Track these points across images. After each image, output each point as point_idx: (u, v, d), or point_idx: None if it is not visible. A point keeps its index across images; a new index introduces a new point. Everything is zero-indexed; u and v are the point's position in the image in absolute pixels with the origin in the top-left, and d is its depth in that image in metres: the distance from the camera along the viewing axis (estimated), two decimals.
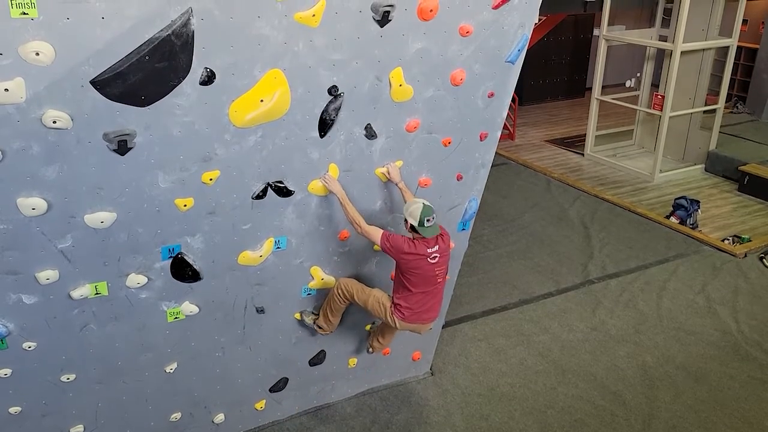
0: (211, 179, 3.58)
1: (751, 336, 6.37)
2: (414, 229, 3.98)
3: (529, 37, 4.11)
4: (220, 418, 4.85)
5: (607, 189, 9.91)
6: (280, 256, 4.19)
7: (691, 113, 10.46)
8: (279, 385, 4.97)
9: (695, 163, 10.68)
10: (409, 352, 5.51)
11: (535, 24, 7.49)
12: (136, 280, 3.76)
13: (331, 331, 4.64)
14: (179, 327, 4.14)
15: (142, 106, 3.14)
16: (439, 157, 4.34)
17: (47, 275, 3.47)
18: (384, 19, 3.51)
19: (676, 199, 8.93)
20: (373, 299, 4.33)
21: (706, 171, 10.60)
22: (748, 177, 9.75)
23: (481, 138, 4.43)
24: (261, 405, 4.98)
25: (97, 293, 3.69)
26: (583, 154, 11.35)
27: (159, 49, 2.99)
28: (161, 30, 2.96)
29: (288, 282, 4.40)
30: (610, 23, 10.83)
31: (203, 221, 3.75)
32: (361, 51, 3.58)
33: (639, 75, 11.59)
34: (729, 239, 8.33)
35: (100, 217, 3.40)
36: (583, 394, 5.57)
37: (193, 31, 3.04)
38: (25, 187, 3.14)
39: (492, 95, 4.22)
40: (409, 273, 4.10)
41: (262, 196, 3.84)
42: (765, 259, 7.78)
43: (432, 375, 5.76)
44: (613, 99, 11.06)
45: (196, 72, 3.17)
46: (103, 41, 2.88)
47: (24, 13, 2.69)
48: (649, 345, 6.22)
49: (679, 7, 9.36)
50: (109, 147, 3.18)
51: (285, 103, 3.51)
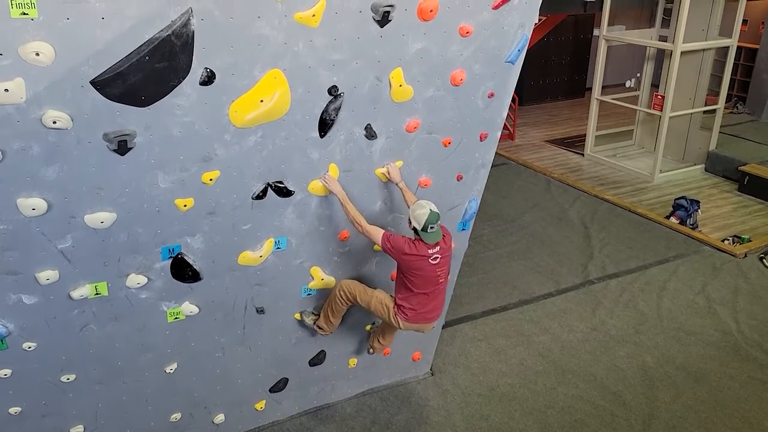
0: (211, 179, 3.58)
1: (751, 336, 6.37)
2: (416, 231, 3.99)
3: (529, 37, 4.11)
4: (220, 418, 4.85)
5: (607, 189, 9.91)
6: (280, 256, 4.19)
7: (691, 113, 10.46)
8: (279, 386, 4.97)
9: (695, 164, 10.68)
10: (410, 352, 5.51)
11: (535, 24, 7.49)
12: (136, 280, 3.76)
13: (331, 332, 4.64)
14: (179, 327, 4.14)
15: (142, 106, 3.14)
16: (439, 158, 4.34)
17: (47, 275, 3.47)
18: (384, 20, 3.50)
19: (676, 199, 8.93)
20: (376, 300, 4.33)
21: (706, 171, 10.60)
22: (748, 177, 9.75)
23: (481, 138, 4.43)
24: (261, 405, 4.98)
25: (97, 293, 3.69)
26: (583, 155, 11.35)
27: (159, 50, 2.99)
28: (161, 30, 2.96)
29: (288, 282, 4.40)
30: (610, 23, 10.83)
31: (203, 221, 3.75)
32: (361, 51, 3.57)
33: (639, 75, 11.59)
34: (729, 239, 8.33)
35: (100, 218, 3.40)
36: (583, 395, 5.57)
37: (193, 32, 3.04)
38: (25, 188, 3.14)
39: (492, 95, 4.22)
40: (410, 274, 4.10)
41: (262, 196, 3.84)
42: (765, 260, 7.77)
43: (432, 375, 5.76)
44: (613, 99, 11.06)
45: (196, 72, 3.17)
46: (103, 41, 2.88)
47: (24, 14, 2.68)
48: (649, 345, 6.22)
49: (679, 7, 9.36)
50: (109, 147, 3.18)
51: (285, 103, 3.51)
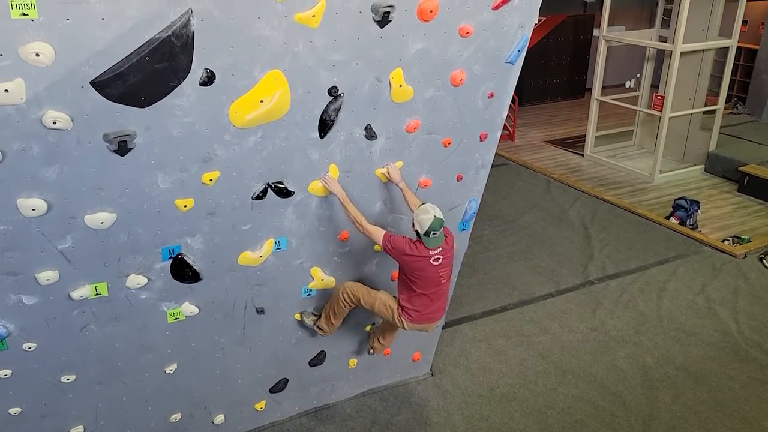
0: (211, 180, 3.58)
1: (751, 337, 6.37)
2: (418, 234, 3.99)
3: (529, 37, 4.11)
4: (220, 418, 4.85)
5: (607, 190, 9.91)
6: (280, 256, 4.19)
7: (691, 114, 10.47)
8: (279, 386, 4.97)
9: (695, 164, 10.69)
10: (410, 352, 5.51)
11: (535, 25, 7.48)
12: (136, 280, 3.76)
13: (331, 333, 4.64)
14: (179, 328, 4.14)
15: (142, 106, 3.13)
16: (439, 158, 4.34)
17: (47, 276, 3.47)
18: (384, 20, 3.50)
19: (676, 199, 8.93)
20: (380, 302, 4.33)
21: (705, 172, 10.60)
22: (747, 178, 9.76)
23: (481, 138, 4.43)
24: (261, 406, 4.98)
25: (97, 294, 3.69)
26: (583, 155, 11.35)
27: (159, 50, 2.99)
28: (161, 31, 2.96)
29: (288, 283, 4.40)
30: (610, 24, 10.84)
31: (203, 222, 3.75)
32: (361, 52, 3.57)
33: (639, 76, 11.59)
34: (729, 240, 8.33)
35: (100, 218, 3.40)
36: (583, 395, 5.57)
37: (193, 32, 3.04)
38: (25, 188, 3.14)
39: (492, 96, 4.22)
40: (412, 274, 4.09)
41: (262, 196, 3.84)
42: (765, 260, 7.78)
43: (432, 376, 5.76)
44: (613, 100, 11.06)
45: (196, 73, 3.17)
46: (103, 42, 2.88)
47: (24, 14, 2.68)
48: (649, 346, 6.22)
49: (678, 7, 9.36)
50: (109, 148, 3.18)
51: (285, 103, 3.51)
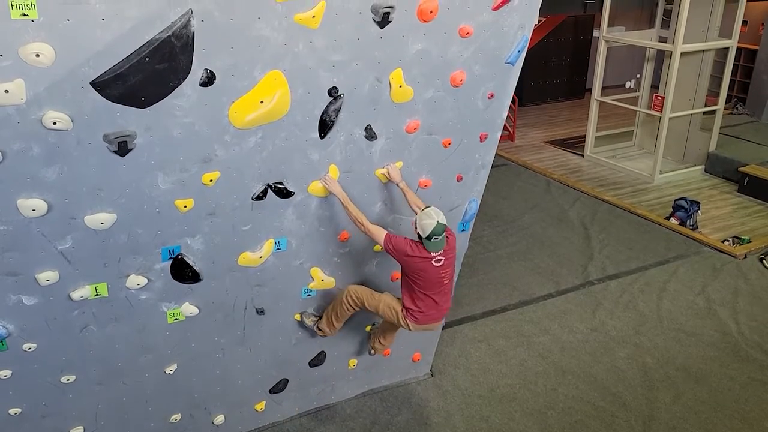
0: (211, 180, 3.58)
1: (751, 337, 6.37)
2: (420, 237, 3.98)
3: (529, 38, 4.11)
4: (220, 419, 4.84)
5: (607, 190, 9.91)
6: (280, 257, 4.19)
7: (691, 114, 10.47)
8: (279, 387, 4.97)
9: (695, 164, 10.69)
10: (410, 353, 5.51)
11: (535, 25, 7.48)
12: (136, 281, 3.76)
13: (332, 335, 4.63)
14: (179, 328, 4.14)
15: (142, 107, 3.13)
16: (439, 158, 4.34)
17: (47, 276, 3.47)
18: (384, 21, 3.50)
19: (676, 200, 8.93)
20: (384, 305, 4.33)
21: (706, 172, 10.61)
22: (748, 178, 9.76)
23: (481, 139, 4.43)
24: (261, 406, 4.98)
25: (97, 294, 3.69)
26: (583, 156, 11.36)
27: (159, 51, 2.99)
28: (161, 31, 2.96)
29: (288, 283, 4.39)
30: (610, 24, 10.85)
31: (203, 222, 3.75)
32: (361, 52, 3.57)
33: (639, 76, 11.59)
34: (729, 240, 8.33)
35: (100, 218, 3.40)
36: (583, 396, 5.56)
37: (194, 33, 3.04)
38: (25, 189, 3.14)
39: (492, 96, 4.22)
40: (414, 275, 4.09)
41: (262, 197, 3.84)
42: (765, 260, 7.77)
43: (432, 376, 5.76)
44: (613, 100, 11.06)
45: (196, 73, 3.17)
46: (103, 42, 2.88)
47: (24, 15, 2.68)
48: (649, 346, 6.22)
49: (678, 8, 9.37)
50: (110, 148, 3.18)
51: (285, 104, 3.51)
